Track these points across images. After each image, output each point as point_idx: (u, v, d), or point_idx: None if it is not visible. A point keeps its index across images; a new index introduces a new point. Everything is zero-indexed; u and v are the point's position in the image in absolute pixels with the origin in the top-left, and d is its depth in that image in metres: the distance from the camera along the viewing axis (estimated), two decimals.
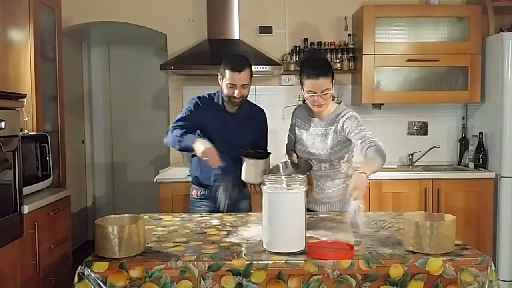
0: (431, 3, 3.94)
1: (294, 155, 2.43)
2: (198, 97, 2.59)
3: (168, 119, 4.26)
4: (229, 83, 2.43)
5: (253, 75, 2.55)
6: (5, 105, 2.36)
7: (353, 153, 2.46)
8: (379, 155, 2.10)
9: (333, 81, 2.30)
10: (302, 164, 2.38)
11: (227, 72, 2.42)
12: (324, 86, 2.25)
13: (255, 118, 2.65)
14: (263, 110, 2.72)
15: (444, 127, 4.21)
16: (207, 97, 2.60)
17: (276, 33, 4.12)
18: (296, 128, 2.51)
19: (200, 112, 2.54)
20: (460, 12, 3.88)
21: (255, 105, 2.73)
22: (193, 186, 2.69)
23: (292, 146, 2.54)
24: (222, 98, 2.54)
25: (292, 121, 2.57)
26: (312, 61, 2.35)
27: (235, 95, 2.44)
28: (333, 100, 2.42)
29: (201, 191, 2.64)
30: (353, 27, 4.10)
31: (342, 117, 2.33)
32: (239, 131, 2.56)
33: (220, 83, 2.51)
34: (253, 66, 3.62)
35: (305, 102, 2.44)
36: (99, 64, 5.32)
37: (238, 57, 2.56)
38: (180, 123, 2.51)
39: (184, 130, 2.45)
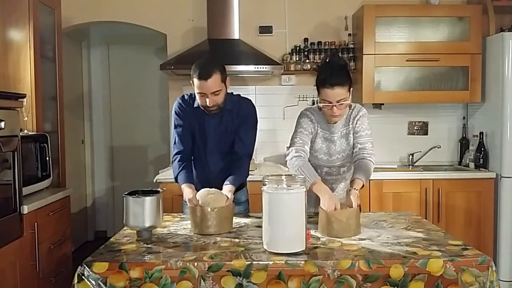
0: (432, 2, 3.94)
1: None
2: (181, 98, 2.43)
3: (168, 119, 4.25)
4: (198, 92, 2.23)
5: (255, 75, 2.36)
6: (5, 105, 2.36)
7: None
8: (364, 175, 2.17)
9: (351, 89, 2.18)
10: None
11: (195, 80, 2.21)
12: (340, 96, 2.13)
13: (238, 112, 2.37)
14: (249, 101, 2.44)
15: (445, 127, 4.20)
16: (190, 97, 2.41)
17: (276, 33, 4.12)
18: (318, 137, 2.33)
19: (185, 115, 2.39)
20: (461, 12, 3.87)
21: (238, 98, 2.43)
22: None
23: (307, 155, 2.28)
24: None
25: (310, 127, 2.30)
26: (329, 68, 2.17)
27: (207, 104, 2.23)
28: (349, 107, 2.27)
29: None
30: (353, 27, 4.09)
31: (357, 114, 2.30)
32: (218, 135, 2.37)
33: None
34: (253, 66, 3.70)
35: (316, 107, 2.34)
36: (99, 64, 5.31)
37: (206, 62, 2.27)
38: (177, 150, 2.39)
39: (181, 163, 2.35)
